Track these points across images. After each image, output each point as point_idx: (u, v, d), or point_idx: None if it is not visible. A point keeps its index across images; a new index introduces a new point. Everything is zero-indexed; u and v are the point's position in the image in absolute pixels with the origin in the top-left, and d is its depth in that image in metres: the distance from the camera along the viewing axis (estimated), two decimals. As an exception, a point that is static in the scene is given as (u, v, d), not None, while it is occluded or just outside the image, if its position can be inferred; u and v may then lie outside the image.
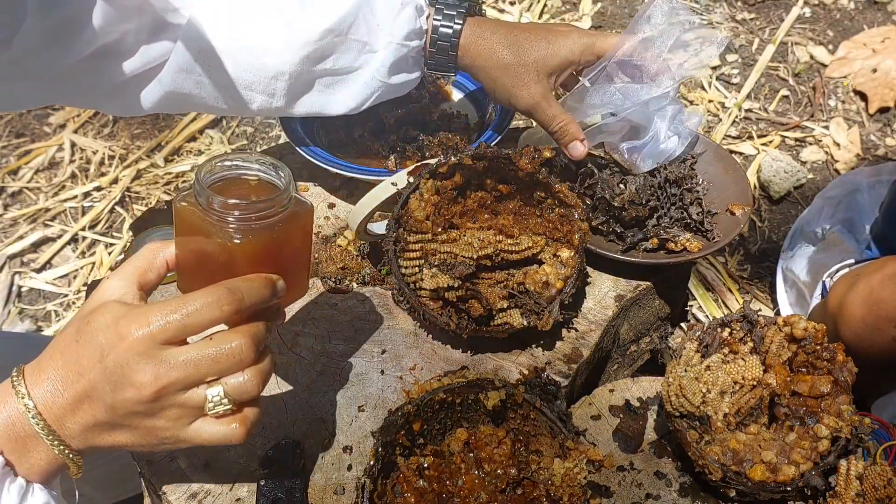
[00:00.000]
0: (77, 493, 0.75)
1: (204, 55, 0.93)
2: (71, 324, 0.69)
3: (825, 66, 2.26)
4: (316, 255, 1.05)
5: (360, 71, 0.99)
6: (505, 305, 0.93)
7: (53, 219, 2.04)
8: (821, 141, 2.10)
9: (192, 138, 2.19)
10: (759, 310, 1.74)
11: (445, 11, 0.97)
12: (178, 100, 0.98)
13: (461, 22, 0.97)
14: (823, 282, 1.49)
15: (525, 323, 0.91)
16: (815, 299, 1.51)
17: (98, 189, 2.09)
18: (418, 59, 1.01)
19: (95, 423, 0.67)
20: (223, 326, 0.68)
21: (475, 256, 0.92)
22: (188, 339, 0.67)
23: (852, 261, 1.49)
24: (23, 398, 0.67)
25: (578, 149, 0.98)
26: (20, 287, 1.93)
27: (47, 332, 1.83)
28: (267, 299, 0.69)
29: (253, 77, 0.95)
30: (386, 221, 0.95)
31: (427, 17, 0.98)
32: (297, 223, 0.73)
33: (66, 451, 0.68)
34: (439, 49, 0.98)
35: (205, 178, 0.70)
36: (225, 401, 0.67)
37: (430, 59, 1.00)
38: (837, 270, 1.48)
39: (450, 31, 0.97)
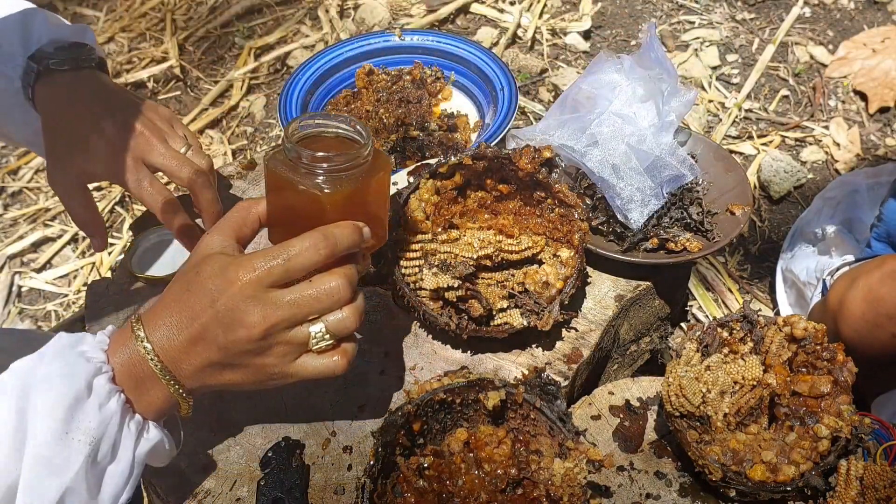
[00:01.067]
0: (182, 433, 0.82)
1: None
2: (179, 277, 0.75)
3: (825, 66, 2.26)
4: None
5: None
6: (505, 305, 0.93)
7: (53, 219, 2.04)
8: (821, 141, 2.10)
9: (192, 138, 2.19)
10: (759, 310, 1.74)
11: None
12: None
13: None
14: (823, 280, 1.49)
15: (525, 323, 0.91)
16: (815, 298, 1.51)
17: (98, 189, 2.09)
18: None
19: (209, 363, 0.73)
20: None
21: (475, 256, 0.92)
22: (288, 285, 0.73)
23: (852, 259, 1.49)
24: (142, 341, 0.73)
25: (97, 245, 1.03)
26: (20, 287, 1.93)
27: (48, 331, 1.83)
28: (357, 244, 0.75)
29: None
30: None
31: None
32: (378, 174, 0.78)
33: (180, 390, 0.74)
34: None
35: (292, 136, 0.76)
36: (327, 336, 0.73)
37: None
38: (837, 269, 1.48)
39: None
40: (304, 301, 0.72)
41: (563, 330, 0.97)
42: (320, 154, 0.74)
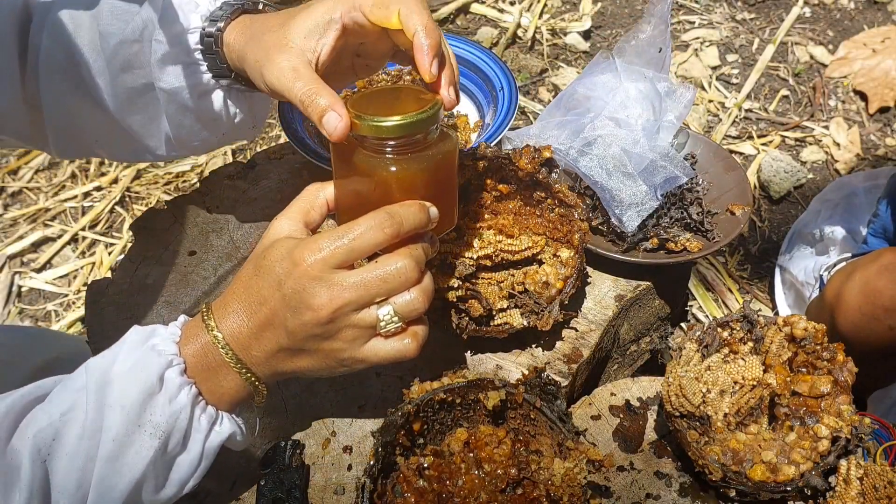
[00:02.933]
0: (258, 424, 0.82)
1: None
2: (248, 263, 0.74)
3: (825, 66, 2.26)
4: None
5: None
6: (505, 305, 0.93)
7: (53, 219, 2.04)
8: (821, 141, 2.10)
9: (192, 138, 2.19)
10: (759, 310, 1.74)
11: (214, 13, 0.87)
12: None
13: (224, 22, 0.86)
14: (821, 275, 1.49)
15: (525, 323, 0.91)
16: (814, 296, 1.51)
17: (98, 189, 2.09)
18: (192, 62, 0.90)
19: (279, 348, 0.72)
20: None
21: (475, 256, 0.92)
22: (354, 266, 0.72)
23: (849, 255, 1.50)
24: (212, 330, 0.72)
25: (332, 121, 0.73)
26: (20, 287, 1.93)
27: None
28: (423, 224, 0.73)
29: None
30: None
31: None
32: (446, 153, 0.75)
33: (253, 379, 0.73)
34: (207, 49, 0.87)
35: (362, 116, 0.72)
36: (395, 319, 0.71)
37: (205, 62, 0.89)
38: (835, 265, 1.48)
39: (214, 29, 0.86)
40: (370, 282, 0.69)
41: (563, 330, 0.97)
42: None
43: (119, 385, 0.69)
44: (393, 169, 0.72)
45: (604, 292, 1.01)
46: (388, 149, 0.72)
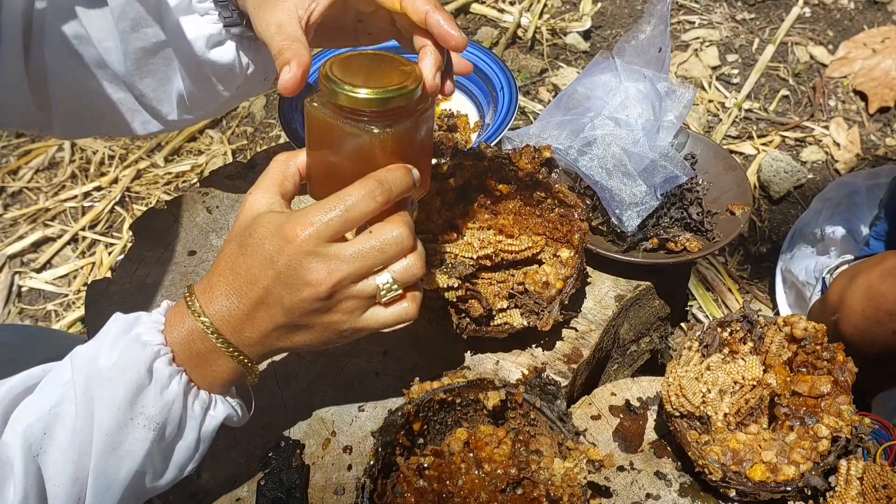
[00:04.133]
0: (254, 401, 0.80)
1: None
2: (229, 242, 0.72)
3: (825, 66, 2.26)
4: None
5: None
6: (505, 305, 0.93)
7: (53, 219, 2.04)
8: (821, 141, 2.10)
9: (192, 138, 2.19)
10: (759, 310, 1.74)
11: None
12: None
13: None
14: (823, 278, 1.49)
15: (525, 323, 0.91)
16: (815, 298, 1.51)
17: (98, 189, 2.09)
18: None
19: (274, 327, 0.70)
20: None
21: (475, 256, 0.92)
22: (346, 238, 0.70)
23: (851, 257, 1.50)
24: (199, 316, 0.70)
25: (285, 76, 0.73)
26: (20, 287, 1.93)
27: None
28: (410, 188, 0.71)
29: None
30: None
31: None
32: (424, 116, 0.74)
33: (245, 360, 0.72)
34: None
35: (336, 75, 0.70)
36: (395, 286, 0.70)
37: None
38: (837, 267, 1.48)
39: None
40: (368, 253, 0.68)
41: (563, 330, 0.97)
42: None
43: (106, 379, 0.68)
44: (375, 132, 0.70)
45: (604, 292, 1.01)
46: (366, 117, 0.70)
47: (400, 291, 0.71)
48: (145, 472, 0.71)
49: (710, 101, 2.18)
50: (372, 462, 0.76)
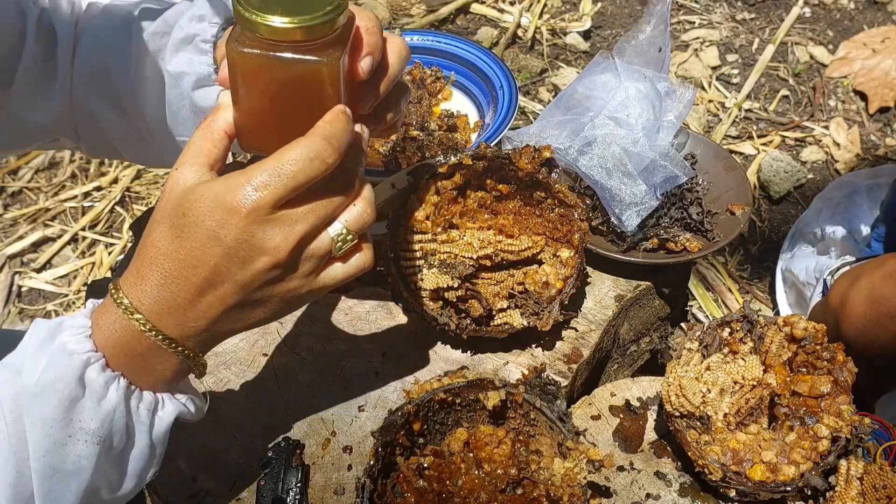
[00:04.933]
0: (208, 398, 0.75)
1: None
2: (156, 227, 0.65)
3: (825, 66, 2.26)
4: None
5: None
6: (505, 305, 0.93)
7: (53, 219, 2.04)
8: (821, 141, 2.10)
9: (192, 138, 2.19)
10: (759, 310, 1.74)
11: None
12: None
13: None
14: (824, 280, 1.49)
15: (525, 323, 0.91)
16: (816, 298, 1.51)
17: (98, 189, 2.09)
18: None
19: (224, 309, 0.65)
20: None
21: (475, 256, 0.92)
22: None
23: (853, 259, 1.50)
24: (132, 314, 0.64)
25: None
26: (20, 287, 1.93)
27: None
28: (351, 133, 0.66)
29: None
30: (385, 221, 0.95)
31: None
32: (349, 45, 0.67)
33: (189, 353, 0.67)
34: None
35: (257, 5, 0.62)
36: (350, 236, 0.66)
37: None
38: (838, 269, 1.48)
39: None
40: (318, 206, 0.64)
41: (563, 330, 0.97)
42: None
43: (34, 395, 0.62)
44: (316, 63, 0.63)
45: (604, 292, 1.01)
46: (306, 46, 0.63)
47: (356, 241, 0.67)
48: (98, 487, 0.66)
49: (710, 101, 2.18)
50: (372, 462, 0.76)
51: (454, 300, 0.91)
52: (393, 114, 0.76)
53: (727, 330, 0.87)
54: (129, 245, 1.11)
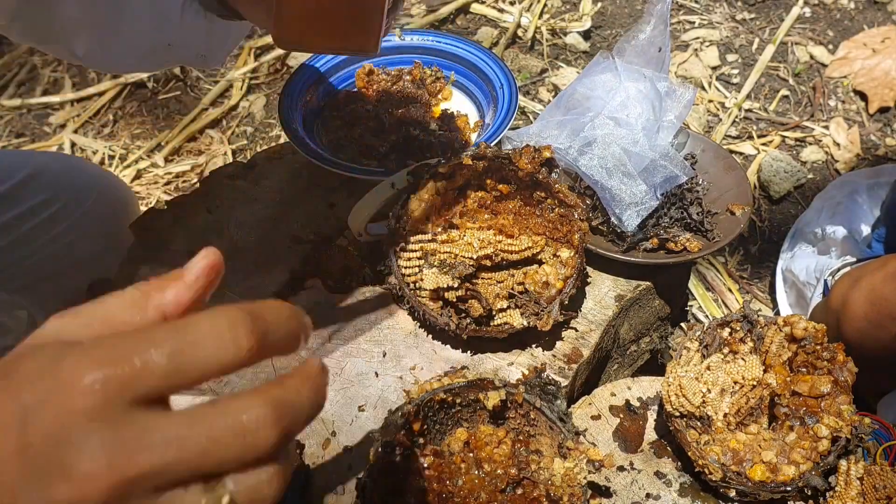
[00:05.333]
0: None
1: None
2: None
3: (825, 66, 2.26)
4: (316, 255, 1.05)
5: None
6: (505, 305, 0.93)
7: (53, 219, 2.04)
8: (821, 141, 2.10)
9: (193, 138, 2.19)
10: (759, 310, 1.74)
11: None
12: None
13: None
14: (825, 280, 1.49)
15: (525, 323, 0.91)
16: (816, 298, 1.51)
17: (98, 189, 2.09)
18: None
19: None
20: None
21: (475, 256, 0.92)
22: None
23: (853, 259, 1.49)
24: None
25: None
26: (20, 287, 1.93)
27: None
28: (294, 334, 0.46)
29: None
30: (386, 221, 0.95)
31: None
32: None
33: None
34: None
35: None
36: None
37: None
38: (839, 269, 1.48)
39: None
40: (193, 441, 0.38)
41: (563, 330, 0.97)
42: None
43: None
44: None
45: (604, 292, 1.01)
46: None
47: None
48: None
49: (710, 101, 2.18)
50: (372, 462, 0.76)
51: (454, 300, 0.91)
52: None
53: (727, 330, 0.87)
54: (129, 245, 1.11)
